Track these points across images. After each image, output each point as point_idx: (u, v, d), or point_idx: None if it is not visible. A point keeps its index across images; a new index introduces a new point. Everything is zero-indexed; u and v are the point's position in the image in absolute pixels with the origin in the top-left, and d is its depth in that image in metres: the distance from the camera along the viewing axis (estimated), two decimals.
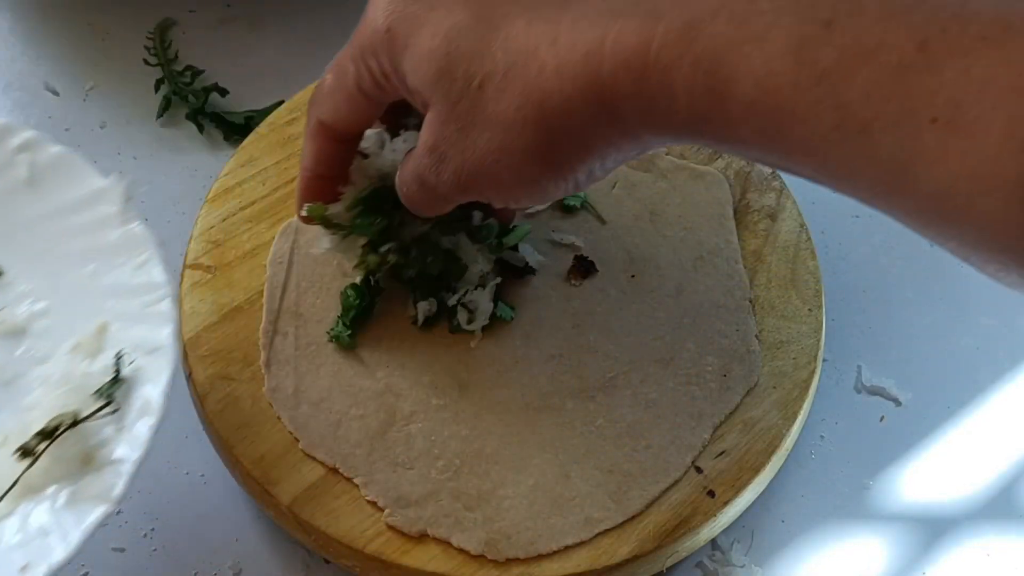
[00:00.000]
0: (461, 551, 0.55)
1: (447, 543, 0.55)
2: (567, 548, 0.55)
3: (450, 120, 0.48)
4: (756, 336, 0.62)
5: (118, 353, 0.50)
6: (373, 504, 0.56)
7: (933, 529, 0.61)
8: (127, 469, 0.47)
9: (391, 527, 0.55)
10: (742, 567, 0.58)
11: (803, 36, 0.39)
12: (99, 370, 0.50)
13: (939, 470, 0.63)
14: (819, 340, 0.62)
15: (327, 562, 0.58)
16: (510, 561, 0.54)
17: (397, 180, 0.54)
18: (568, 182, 0.48)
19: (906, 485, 0.62)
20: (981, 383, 0.66)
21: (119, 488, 0.47)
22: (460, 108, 0.47)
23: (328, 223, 0.57)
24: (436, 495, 0.56)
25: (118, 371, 0.50)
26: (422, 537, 0.55)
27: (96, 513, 0.46)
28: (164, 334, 0.51)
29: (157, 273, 0.53)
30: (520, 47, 0.45)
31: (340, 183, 0.56)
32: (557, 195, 0.50)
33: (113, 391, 0.50)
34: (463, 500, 0.56)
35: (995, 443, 0.64)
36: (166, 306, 0.52)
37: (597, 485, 0.57)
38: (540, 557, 0.55)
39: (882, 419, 0.64)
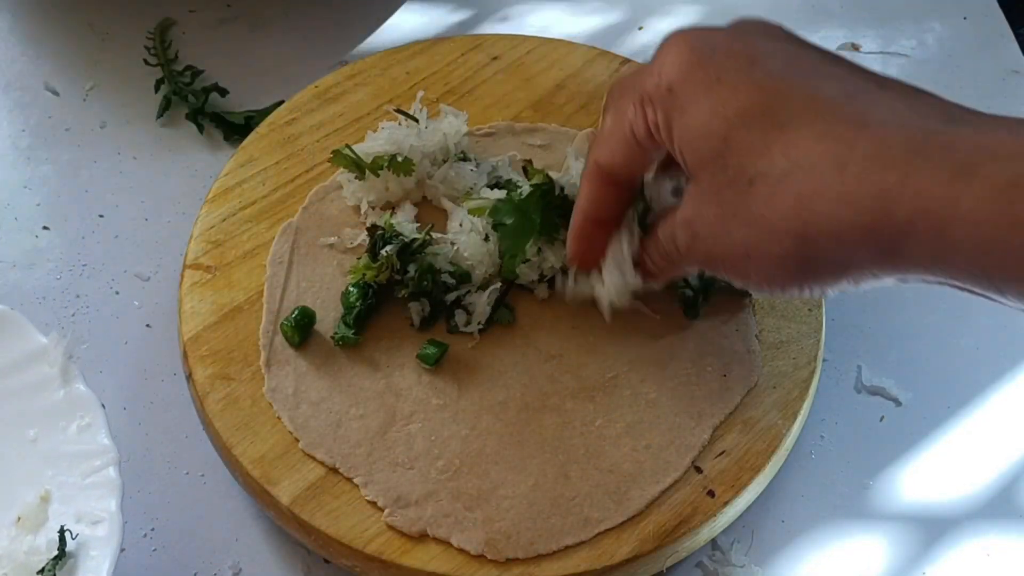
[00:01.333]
0: (461, 551, 0.55)
1: (447, 543, 0.55)
2: (567, 548, 0.55)
3: (712, 203, 0.47)
4: (756, 336, 0.62)
5: (61, 528, 0.49)
6: (373, 504, 0.56)
7: (933, 529, 0.61)
8: None
9: (391, 527, 0.55)
10: (742, 567, 0.58)
11: None
12: (43, 544, 0.49)
13: (939, 470, 0.63)
14: (819, 340, 0.62)
15: (327, 562, 0.58)
16: (510, 561, 0.54)
17: (644, 247, 0.54)
18: (813, 293, 0.48)
19: (906, 485, 0.62)
20: (981, 383, 0.66)
21: None
22: (725, 196, 0.46)
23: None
24: (436, 495, 0.56)
25: (62, 548, 0.49)
26: (422, 537, 0.55)
27: None
28: (110, 505, 0.50)
29: (102, 437, 0.52)
30: (803, 159, 0.44)
31: (614, 227, 0.55)
32: (800, 296, 0.51)
33: (57, 569, 0.48)
34: (463, 500, 0.56)
35: (995, 443, 0.64)
36: (112, 473, 0.51)
37: (597, 485, 0.57)
38: (540, 557, 0.55)
39: (882, 419, 0.64)
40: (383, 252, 0.60)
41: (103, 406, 0.53)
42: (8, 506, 0.51)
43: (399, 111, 0.67)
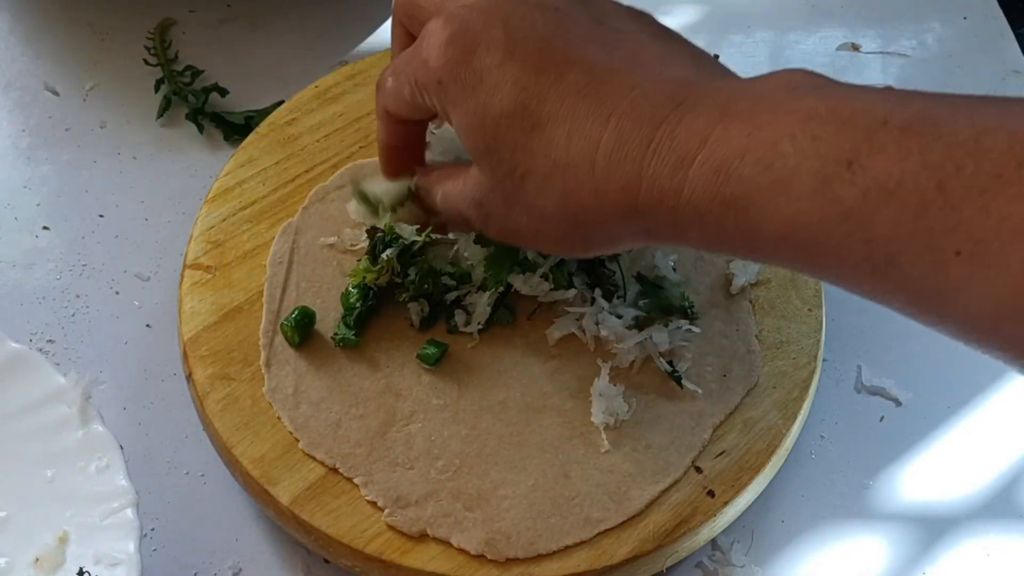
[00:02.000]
0: (461, 551, 0.55)
1: (447, 543, 0.55)
2: (567, 548, 0.55)
3: (496, 191, 0.51)
4: (756, 336, 0.62)
5: (80, 571, 0.49)
6: (373, 504, 0.56)
7: (933, 529, 0.61)
8: None
9: (391, 527, 0.55)
10: (742, 567, 0.58)
11: (826, 176, 0.41)
12: None
13: (939, 470, 0.63)
14: (819, 340, 0.62)
15: (327, 562, 0.58)
16: (510, 561, 0.54)
17: (440, 204, 0.57)
18: (599, 254, 0.55)
19: (906, 485, 0.62)
20: (981, 383, 0.66)
21: None
22: (505, 186, 0.51)
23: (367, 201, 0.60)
24: (436, 495, 0.56)
25: None
26: (422, 537, 0.55)
27: None
28: (128, 546, 0.50)
29: (120, 479, 0.52)
30: (560, 159, 0.48)
31: (417, 151, 0.60)
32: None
33: None
34: (463, 500, 0.56)
35: (995, 443, 0.64)
36: (130, 514, 0.51)
37: (597, 485, 0.57)
38: (540, 557, 0.55)
39: (882, 419, 0.64)
40: (383, 256, 0.60)
41: (121, 447, 0.53)
42: (26, 546, 0.51)
43: None
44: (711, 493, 0.57)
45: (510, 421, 0.58)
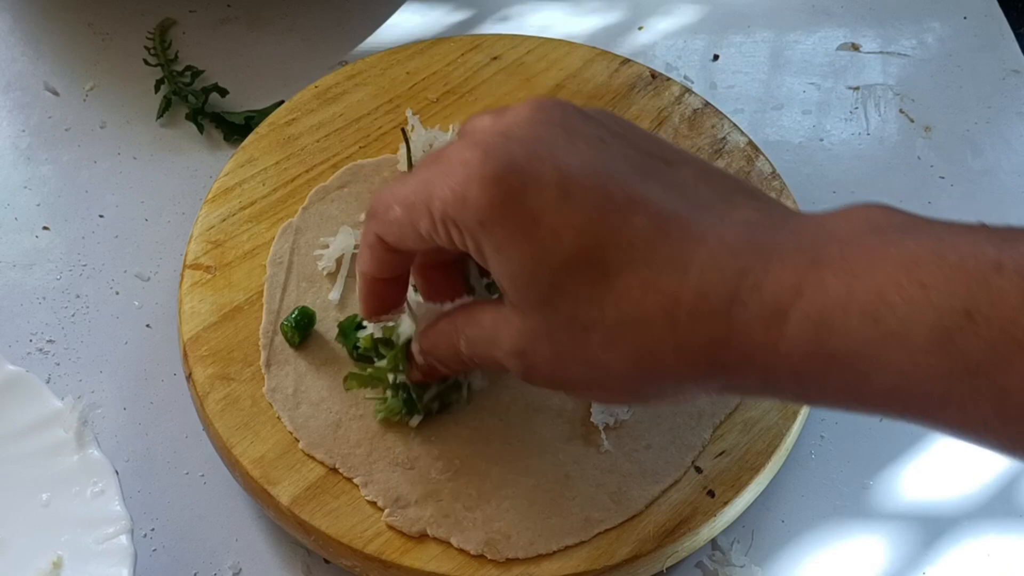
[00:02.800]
0: (461, 551, 0.55)
1: (447, 543, 0.55)
2: (567, 548, 0.55)
3: (547, 342, 0.46)
4: None
5: None
6: (373, 504, 0.56)
7: (933, 529, 0.61)
8: None
9: (391, 527, 0.55)
10: (742, 567, 0.58)
11: (945, 329, 0.38)
12: None
13: (939, 470, 0.63)
14: None
15: (327, 562, 0.58)
16: (510, 561, 0.54)
17: (465, 350, 0.51)
18: (661, 406, 0.53)
19: (906, 485, 0.62)
20: None
21: None
22: (560, 338, 0.46)
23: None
24: (436, 495, 0.56)
25: None
26: (422, 537, 0.55)
27: None
28: (122, 572, 0.50)
29: (115, 504, 0.52)
30: (633, 313, 0.44)
31: (404, 285, 0.54)
32: None
33: None
34: (463, 500, 0.56)
35: None
36: (124, 541, 0.51)
37: (597, 485, 0.57)
38: (540, 557, 0.55)
39: (882, 419, 0.64)
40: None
41: (117, 472, 0.53)
42: (20, 570, 0.51)
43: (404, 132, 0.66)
44: (711, 493, 0.57)
45: (510, 421, 0.58)
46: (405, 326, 0.55)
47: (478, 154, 0.45)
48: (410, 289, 0.56)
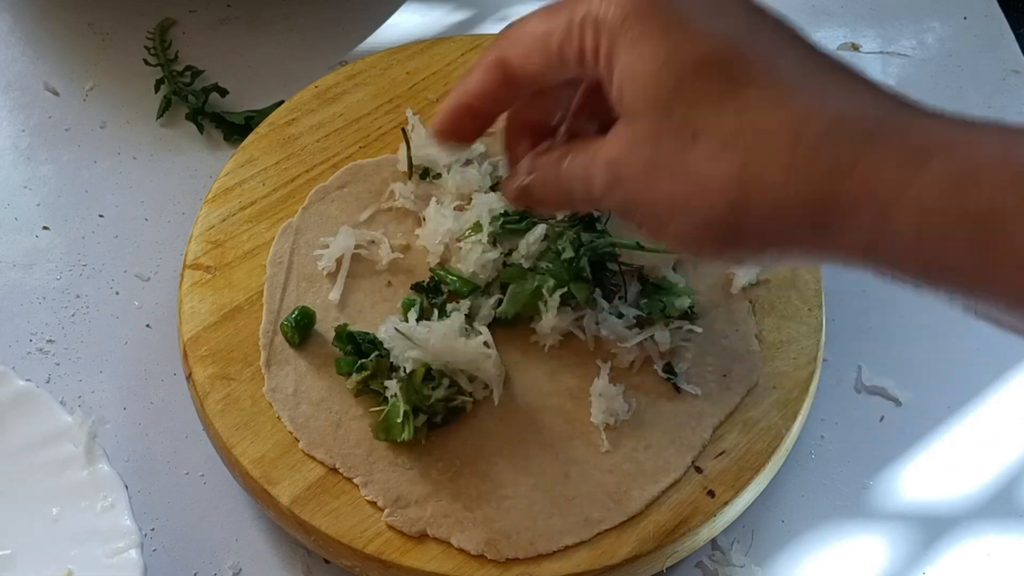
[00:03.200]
0: (461, 551, 0.55)
1: (447, 543, 0.55)
2: (567, 548, 0.55)
3: (646, 149, 0.43)
4: (756, 336, 0.62)
5: None
6: (373, 504, 0.56)
7: (933, 529, 0.61)
8: None
9: (391, 527, 0.55)
10: (742, 567, 0.58)
11: None
12: None
13: (939, 470, 0.63)
14: (819, 340, 0.62)
15: (327, 562, 0.58)
16: (510, 561, 0.54)
17: (565, 170, 0.48)
18: (730, 261, 0.46)
19: (906, 485, 0.62)
20: (981, 383, 0.66)
21: None
22: (663, 145, 0.43)
23: None
24: (436, 495, 0.56)
25: None
26: (422, 537, 0.55)
27: None
28: None
29: (125, 519, 0.52)
30: (756, 123, 0.41)
31: (487, 123, 0.51)
32: (709, 262, 0.49)
33: None
34: (463, 500, 0.56)
35: (995, 443, 0.64)
36: (134, 555, 0.51)
37: (597, 485, 0.57)
38: (540, 557, 0.55)
39: (882, 419, 0.64)
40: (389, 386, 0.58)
41: (126, 487, 0.53)
42: None
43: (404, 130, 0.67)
44: (711, 493, 0.57)
45: (510, 421, 0.58)
46: (410, 352, 0.56)
47: None
48: (399, 319, 0.58)
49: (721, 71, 0.42)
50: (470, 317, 0.60)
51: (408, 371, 0.57)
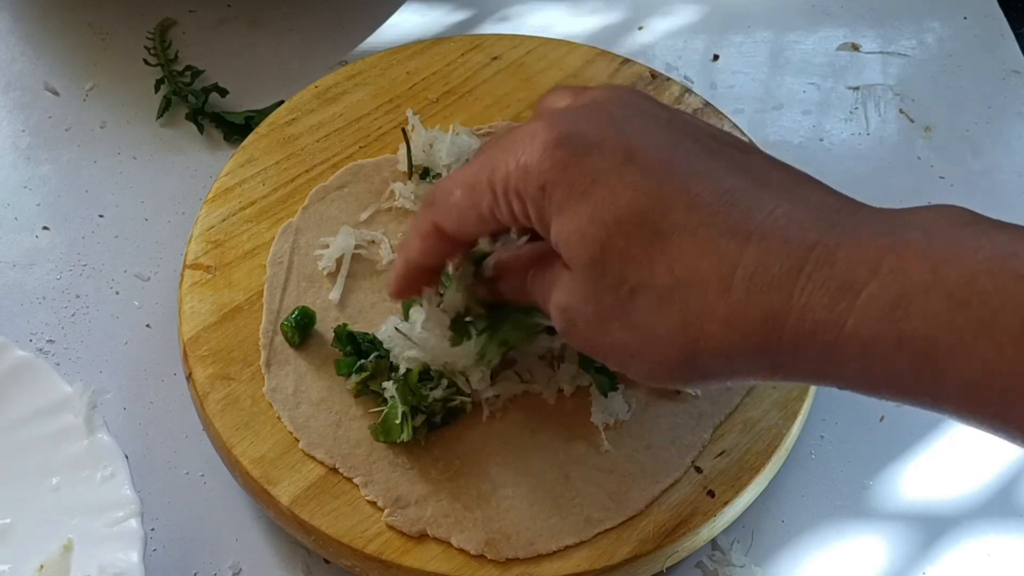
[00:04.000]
0: (461, 551, 0.55)
1: (447, 543, 0.55)
2: (567, 548, 0.55)
3: (591, 303, 0.45)
4: None
5: None
6: (373, 504, 0.56)
7: (933, 529, 0.61)
8: None
9: (391, 527, 0.55)
10: (742, 567, 0.58)
11: None
12: None
13: (939, 470, 0.63)
14: None
15: (327, 562, 0.58)
16: (510, 561, 0.54)
17: (529, 282, 0.51)
18: (690, 388, 0.48)
19: (906, 485, 0.62)
20: None
21: None
22: (604, 300, 0.45)
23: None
24: (436, 495, 0.56)
25: None
26: (422, 537, 0.55)
27: None
28: (132, 557, 0.50)
29: (125, 488, 0.52)
30: (686, 276, 0.43)
31: (438, 272, 0.54)
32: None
33: None
34: (463, 500, 0.56)
35: (995, 443, 0.63)
36: (134, 524, 0.51)
37: (597, 485, 0.57)
38: (540, 557, 0.55)
39: (882, 419, 0.64)
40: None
41: (126, 456, 0.53)
42: (31, 554, 0.52)
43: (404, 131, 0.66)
44: (711, 493, 0.57)
45: (510, 421, 0.58)
46: (408, 352, 0.56)
47: (542, 125, 0.46)
48: (399, 319, 0.58)
49: (643, 226, 0.43)
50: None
51: (403, 371, 0.57)
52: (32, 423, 0.55)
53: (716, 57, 0.79)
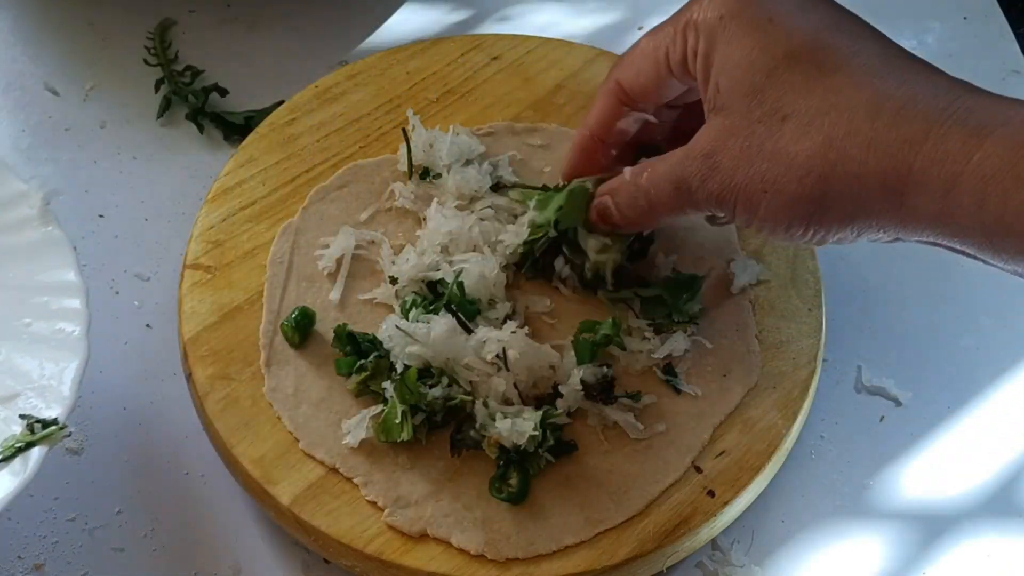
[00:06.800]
0: (461, 551, 0.55)
1: (447, 543, 0.55)
2: (567, 548, 0.55)
3: (740, 136, 0.50)
4: (756, 336, 0.62)
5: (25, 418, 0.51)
6: (373, 504, 0.56)
7: (933, 529, 0.61)
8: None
9: (391, 527, 0.55)
10: (742, 567, 0.58)
11: None
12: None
13: (939, 470, 0.63)
14: (819, 340, 0.62)
15: (327, 562, 0.58)
16: (510, 561, 0.54)
17: (646, 181, 0.55)
18: (814, 238, 0.50)
19: (906, 485, 0.62)
20: (981, 383, 0.66)
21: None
22: (755, 130, 0.49)
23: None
24: (436, 495, 0.56)
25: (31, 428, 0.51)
26: (422, 537, 0.55)
27: None
28: (74, 330, 0.53)
29: (71, 275, 0.55)
30: (839, 100, 0.48)
31: (609, 151, 0.59)
32: (797, 242, 0.54)
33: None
34: (463, 500, 0.56)
35: (994, 443, 0.64)
36: (78, 304, 0.54)
37: (597, 485, 0.57)
38: (540, 557, 0.55)
39: (882, 419, 0.64)
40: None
41: (75, 248, 0.57)
42: None
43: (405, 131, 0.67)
44: (711, 493, 0.57)
45: None
46: (410, 348, 0.56)
47: None
48: (399, 317, 0.58)
49: (810, 60, 0.49)
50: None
51: (401, 370, 0.57)
52: None
53: None
